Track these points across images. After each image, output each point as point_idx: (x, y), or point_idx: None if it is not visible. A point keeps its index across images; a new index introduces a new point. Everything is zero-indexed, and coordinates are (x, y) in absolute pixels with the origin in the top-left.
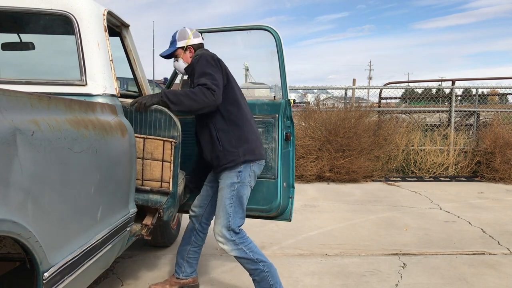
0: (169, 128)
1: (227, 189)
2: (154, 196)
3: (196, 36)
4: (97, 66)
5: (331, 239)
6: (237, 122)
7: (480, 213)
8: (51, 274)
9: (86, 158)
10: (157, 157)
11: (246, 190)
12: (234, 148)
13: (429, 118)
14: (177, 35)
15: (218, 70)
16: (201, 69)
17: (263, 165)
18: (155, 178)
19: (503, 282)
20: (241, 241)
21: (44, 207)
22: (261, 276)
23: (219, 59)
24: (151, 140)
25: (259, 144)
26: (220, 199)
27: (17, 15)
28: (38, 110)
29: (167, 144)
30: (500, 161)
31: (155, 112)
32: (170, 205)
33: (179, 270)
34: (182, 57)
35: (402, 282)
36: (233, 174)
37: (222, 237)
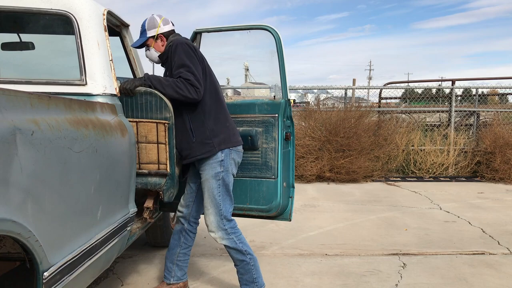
0: (161, 110)
1: (212, 179)
2: (153, 179)
3: (166, 23)
4: (97, 66)
5: (331, 239)
6: (213, 113)
7: (480, 213)
8: (51, 273)
9: (86, 157)
10: (151, 140)
11: (230, 178)
12: (209, 139)
13: (429, 118)
14: (146, 24)
15: (196, 61)
16: (180, 60)
17: (242, 152)
18: (152, 160)
19: (503, 282)
20: (233, 231)
21: (44, 207)
22: (246, 268)
23: (195, 48)
24: (144, 123)
25: (235, 131)
26: (208, 190)
27: (17, 15)
28: (38, 110)
29: (160, 126)
30: (500, 161)
31: (145, 95)
32: (169, 186)
33: (169, 275)
34: (153, 46)
35: (402, 282)
36: (216, 165)
37: (214, 227)
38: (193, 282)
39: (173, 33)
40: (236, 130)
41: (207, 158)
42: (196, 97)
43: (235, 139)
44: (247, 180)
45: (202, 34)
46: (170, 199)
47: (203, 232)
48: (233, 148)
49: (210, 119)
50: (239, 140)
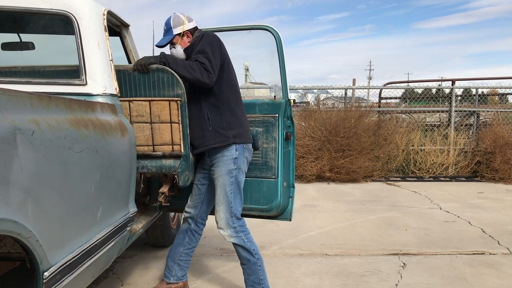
0: (173, 87)
1: (225, 176)
2: (167, 161)
3: (190, 20)
4: (97, 66)
5: (331, 239)
6: (231, 105)
7: (480, 213)
8: (51, 273)
9: (86, 157)
10: (164, 119)
11: (243, 176)
12: (224, 129)
13: (429, 118)
14: (171, 22)
15: (217, 51)
16: (201, 46)
17: (252, 151)
18: (166, 141)
19: (503, 282)
20: (241, 229)
21: (44, 207)
22: (253, 268)
23: (220, 41)
24: (157, 102)
25: (248, 129)
26: (220, 186)
27: (17, 15)
28: (38, 110)
29: (173, 104)
30: (500, 161)
31: (156, 72)
32: (184, 168)
33: (169, 274)
34: (180, 44)
35: (402, 282)
36: (230, 161)
37: (224, 224)
38: (193, 282)
39: (197, 29)
40: (249, 127)
41: (220, 150)
42: (208, 82)
43: (247, 135)
44: (247, 180)
45: None
46: (185, 184)
47: (203, 232)
48: (246, 145)
49: (228, 110)
50: (250, 138)
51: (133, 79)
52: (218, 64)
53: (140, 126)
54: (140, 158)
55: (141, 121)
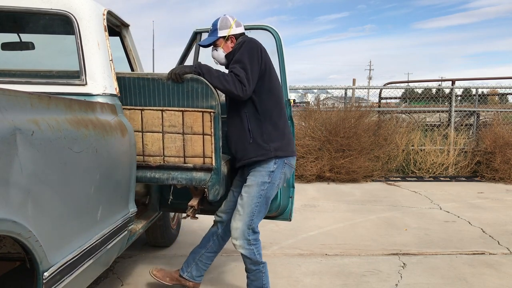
0: (207, 98)
1: (256, 187)
2: (198, 174)
3: (238, 25)
4: (97, 66)
5: (331, 239)
6: (273, 117)
7: (480, 213)
8: (51, 273)
9: (86, 158)
10: (197, 131)
11: (274, 191)
12: (265, 143)
13: (429, 118)
14: (219, 23)
15: (257, 61)
16: (239, 56)
17: (294, 168)
18: (197, 153)
19: (503, 282)
20: (255, 243)
21: (44, 207)
22: (257, 276)
23: (262, 49)
24: (190, 112)
25: (292, 141)
26: (247, 195)
27: (17, 15)
28: (38, 110)
29: (206, 116)
30: (500, 161)
31: (191, 82)
32: (215, 182)
33: (185, 269)
34: (222, 47)
35: (402, 282)
36: (265, 173)
37: (238, 234)
38: None
39: (243, 36)
40: (293, 140)
41: (260, 162)
42: (241, 95)
43: (291, 148)
44: None
45: (202, 34)
46: (215, 198)
47: (203, 232)
48: (287, 160)
49: (269, 123)
50: (294, 151)
51: (167, 88)
52: (256, 75)
53: (172, 137)
54: (170, 169)
55: (174, 131)
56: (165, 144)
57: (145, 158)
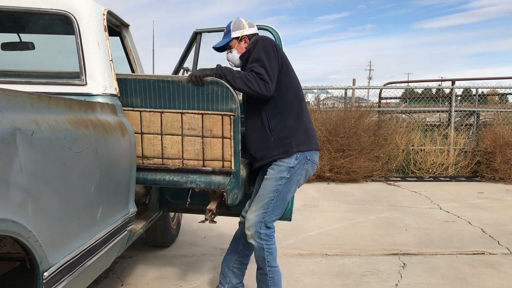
0: (227, 101)
1: (274, 181)
2: (217, 178)
3: (251, 26)
4: (97, 66)
5: (331, 239)
6: (295, 110)
7: (480, 213)
8: (51, 273)
9: (86, 158)
10: (216, 134)
11: (293, 187)
12: (287, 138)
13: (429, 118)
14: (232, 25)
15: (273, 57)
16: (256, 54)
17: (317, 164)
18: (216, 157)
19: (503, 282)
20: (266, 238)
21: (44, 207)
22: (263, 278)
23: (276, 44)
24: (209, 115)
25: (314, 134)
26: (264, 189)
27: (17, 15)
28: (38, 110)
29: (226, 119)
30: (500, 161)
31: (211, 84)
32: (233, 186)
33: (224, 281)
34: (236, 48)
35: (402, 282)
36: (284, 169)
37: (251, 225)
38: (193, 282)
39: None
40: (315, 133)
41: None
42: (265, 93)
43: (314, 141)
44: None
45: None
46: (234, 202)
47: (203, 232)
48: (310, 155)
49: (291, 117)
50: (317, 144)
51: (187, 91)
52: (276, 70)
53: (191, 140)
54: (189, 172)
55: (193, 134)
56: (184, 147)
57: (164, 161)
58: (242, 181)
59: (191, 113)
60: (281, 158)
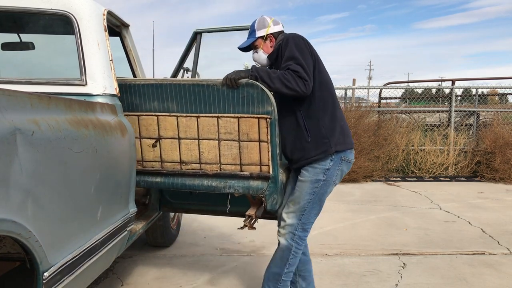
0: (263, 103)
1: (309, 184)
2: (255, 183)
3: (276, 23)
4: (97, 66)
5: (331, 239)
6: (329, 109)
7: (480, 213)
8: (51, 274)
9: (86, 158)
10: (253, 138)
11: (329, 188)
12: (325, 138)
13: (429, 118)
14: (256, 24)
15: (307, 54)
16: (289, 52)
17: (352, 162)
18: (254, 161)
19: (503, 282)
20: (298, 241)
21: (44, 207)
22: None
23: (307, 41)
24: (246, 119)
25: (349, 132)
26: (300, 191)
27: (17, 15)
28: (38, 110)
29: (262, 122)
30: (500, 161)
31: (246, 87)
32: (272, 191)
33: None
34: (262, 48)
35: (402, 282)
36: (320, 171)
37: (287, 224)
38: (193, 282)
39: (282, 34)
40: (349, 131)
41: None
42: (305, 91)
43: (349, 140)
44: None
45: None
46: (273, 207)
47: (203, 232)
48: (345, 155)
49: (327, 115)
50: (352, 142)
51: (222, 94)
52: (311, 67)
53: (228, 144)
54: (227, 177)
55: (229, 138)
56: (221, 152)
57: (201, 166)
58: (282, 186)
59: (227, 116)
60: (317, 160)
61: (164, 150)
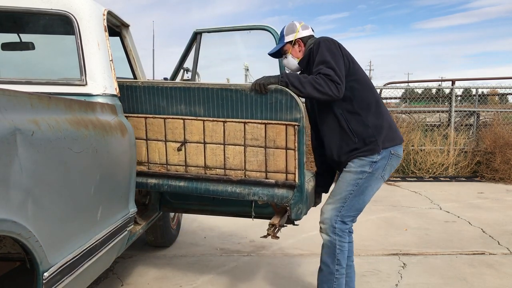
0: (291, 110)
1: (354, 175)
2: (280, 191)
3: (305, 28)
4: (97, 66)
5: None
6: (373, 107)
7: (480, 213)
8: (51, 274)
9: (86, 158)
10: (280, 145)
11: (374, 182)
12: (372, 137)
13: (429, 118)
14: (285, 30)
15: (339, 56)
16: (320, 56)
17: (401, 157)
18: (279, 169)
19: (503, 282)
20: (340, 233)
21: (44, 207)
22: (328, 277)
23: (339, 43)
24: (273, 125)
25: (396, 127)
26: (343, 181)
27: (17, 15)
28: (38, 110)
29: (290, 129)
30: (500, 161)
31: (275, 93)
32: (297, 200)
33: None
34: (291, 53)
35: (402, 282)
36: (366, 163)
37: (326, 218)
38: (193, 282)
39: (312, 38)
40: (397, 126)
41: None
42: (337, 94)
43: (398, 135)
44: None
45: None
46: (298, 217)
47: (203, 232)
48: (394, 150)
49: (370, 114)
50: (401, 137)
51: (249, 100)
52: (344, 70)
53: (254, 150)
54: (251, 184)
55: (256, 145)
56: (246, 158)
57: (226, 172)
58: (307, 195)
59: (254, 122)
60: (365, 155)
61: (189, 154)
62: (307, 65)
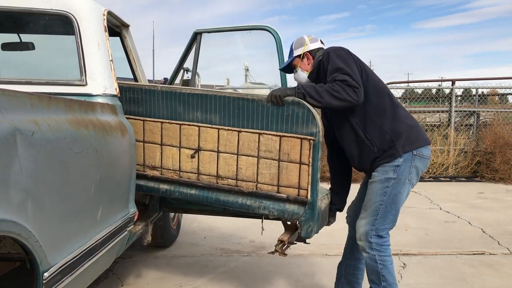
0: (307, 124)
1: (379, 184)
2: (291, 207)
3: (314, 41)
4: (97, 66)
5: (331, 239)
6: (388, 111)
7: (480, 213)
8: (51, 274)
9: (86, 158)
10: (294, 159)
11: (402, 188)
12: (391, 142)
13: (429, 118)
14: (294, 44)
15: (351, 61)
16: (332, 65)
17: (429, 158)
18: (292, 184)
19: (503, 282)
20: (377, 248)
21: (44, 207)
22: None
23: (348, 50)
24: (288, 138)
25: (419, 129)
26: (371, 193)
27: (17, 15)
28: (38, 110)
29: (305, 143)
30: (500, 161)
31: (292, 105)
32: (308, 218)
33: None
34: (300, 66)
35: (402, 282)
36: (389, 168)
37: (361, 234)
38: (193, 282)
39: (321, 50)
40: (421, 127)
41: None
42: (357, 99)
43: (421, 137)
44: None
45: (202, 34)
46: (307, 235)
47: (203, 232)
48: (417, 151)
49: (387, 118)
50: (426, 139)
51: (265, 111)
52: (359, 74)
53: (267, 163)
54: (262, 197)
55: (269, 157)
56: (259, 170)
57: (238, 182)
58: (319, 213)
59: (269, 134)
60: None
61: (202, 162)
62: (317, 77)
